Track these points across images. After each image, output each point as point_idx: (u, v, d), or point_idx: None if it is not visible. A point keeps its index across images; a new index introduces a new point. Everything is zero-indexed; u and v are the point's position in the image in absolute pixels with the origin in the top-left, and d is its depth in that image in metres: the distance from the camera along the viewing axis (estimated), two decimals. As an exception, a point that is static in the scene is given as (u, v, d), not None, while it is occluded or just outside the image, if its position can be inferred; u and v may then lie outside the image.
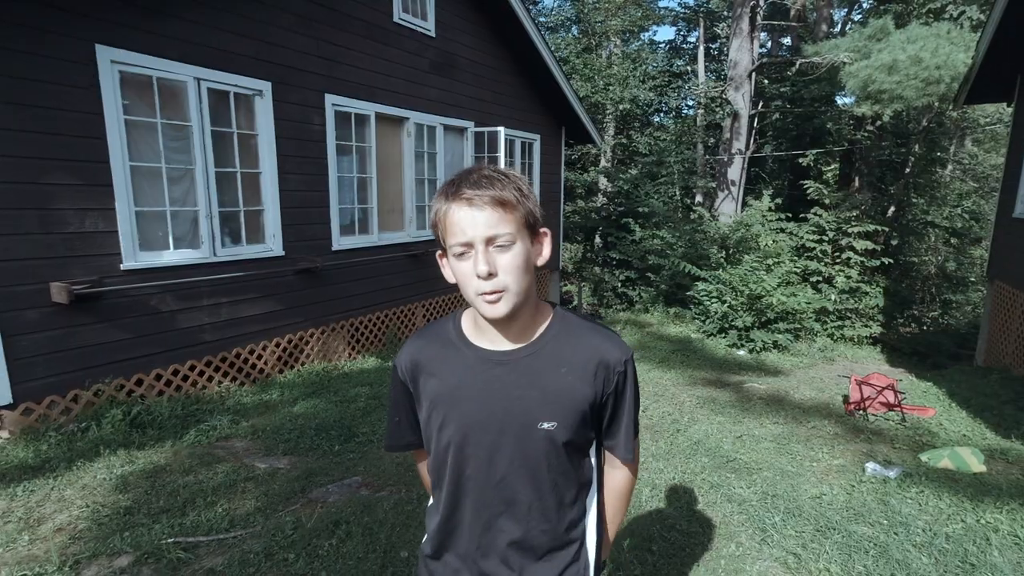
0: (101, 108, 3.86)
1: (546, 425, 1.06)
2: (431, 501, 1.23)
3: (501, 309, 1.00)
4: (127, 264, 4.08)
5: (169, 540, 2.64)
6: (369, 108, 6.09)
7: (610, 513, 1.26)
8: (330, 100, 5.62)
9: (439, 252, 1.08)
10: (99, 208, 3.91)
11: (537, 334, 1.10)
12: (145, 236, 4.24)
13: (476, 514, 1.11)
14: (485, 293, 0.99)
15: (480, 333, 1.11)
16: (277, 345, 5.31)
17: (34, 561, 2.51)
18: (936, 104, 10.24)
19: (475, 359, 1.09)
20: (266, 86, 4.96)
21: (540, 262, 1.07)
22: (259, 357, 5.14)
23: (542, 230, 1.07)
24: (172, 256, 4.40)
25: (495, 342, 1.09)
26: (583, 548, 1.18)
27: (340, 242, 5.91)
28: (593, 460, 1.18)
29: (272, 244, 5.19)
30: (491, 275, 0.98)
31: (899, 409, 4.70)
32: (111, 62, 3.89)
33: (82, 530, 2.75)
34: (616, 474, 1.23)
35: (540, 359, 1.08)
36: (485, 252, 0.98)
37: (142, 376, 4.26)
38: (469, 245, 0.98)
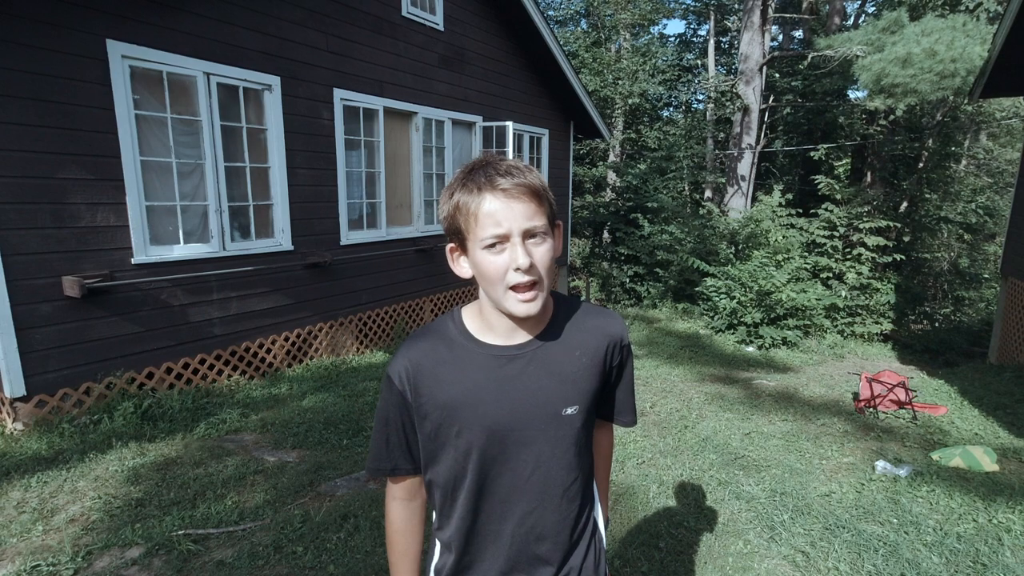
0: (112, 103, 3.88)
1: (569, 410, 1.05)
2: (436, 523, 1.16)
3: (535, 307, 0.97)
4: (138, 258, 4.11)
5: (180, 532, 2.67)
6: (378, 103, 6.09)
7: (603, 477, 1.30)
8: (339, 95, 5.62)
9: (450, 246, 1.03)
10: (110, 203, 3.94)
11: (545, 323, 1.08)
12: (155, 231, 4.27)
13: (505, 517, 1.07)
14: (521, 287, 0.95)
15: (488, 330, 1.05)
16: (286, 339, 5.34)
17: (48, 551, 2.54)
18: (951, 98, 10.13)
19: (487, 357, 1.04)
20: (275, 81, 4.97)
21: (556, 255, 1.04)
22: (268, 351, 5.17)
23: (557, 222, 1.03)
24: (182, 250, 4.43)
25: (508, 338, 1.05)
26: (597, 524, 1.21)
27: (349, 237, 5.92)
28: None
29: (281, 238, 5.21)
30: (532, 266, 0.95)
31: (910, 407, 4.65)
32: (122, 57, 3.91)
33: (94, 521, 2.79)
34: (605, 439, 1.28)
35: (553, 347, 1.06)
36: (523, 244, 0.94)
37: (153, 369, 4.30)
38: (505, 237, 0.94)
